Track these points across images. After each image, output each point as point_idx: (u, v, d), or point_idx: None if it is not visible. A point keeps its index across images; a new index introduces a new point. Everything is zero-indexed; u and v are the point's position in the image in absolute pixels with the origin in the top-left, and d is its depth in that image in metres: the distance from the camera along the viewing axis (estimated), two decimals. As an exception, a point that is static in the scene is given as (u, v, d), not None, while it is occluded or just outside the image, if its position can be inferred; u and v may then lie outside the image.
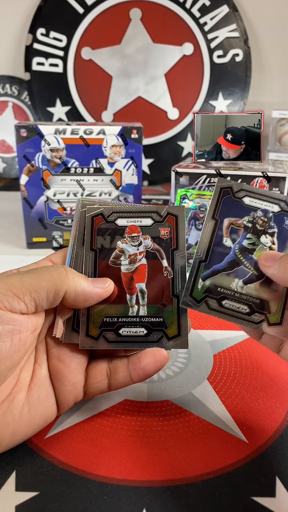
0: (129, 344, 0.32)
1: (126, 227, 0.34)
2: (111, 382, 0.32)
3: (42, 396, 0.30)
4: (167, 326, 0.32)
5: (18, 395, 0.29)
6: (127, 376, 0.32)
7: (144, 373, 0.31)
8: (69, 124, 0.65)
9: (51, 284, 0.29)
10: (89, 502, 0.27)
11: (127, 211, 0.34)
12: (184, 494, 0.28)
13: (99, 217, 0.34)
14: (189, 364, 0.42)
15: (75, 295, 0.30)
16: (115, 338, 0.32)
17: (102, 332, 0.32)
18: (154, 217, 0.34)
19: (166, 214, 0.34)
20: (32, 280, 0.29)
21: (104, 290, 0.31)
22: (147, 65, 1.14)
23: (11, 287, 0.28)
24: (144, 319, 0.32)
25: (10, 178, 1.21)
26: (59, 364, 0.31)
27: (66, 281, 0.29)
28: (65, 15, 1.10)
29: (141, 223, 0.34)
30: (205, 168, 0.63)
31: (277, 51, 1.22)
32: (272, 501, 0.28)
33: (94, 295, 0.30)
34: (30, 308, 0.28)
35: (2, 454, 0.30)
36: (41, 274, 0.29)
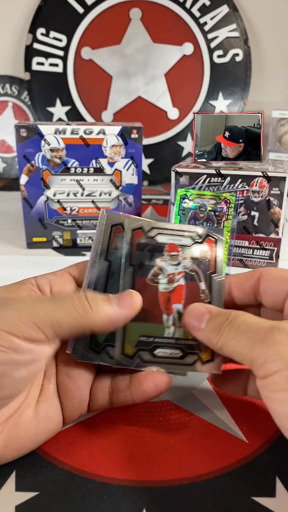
0: (163, 365, 0.31)
1: (166, 245, 0.33)
2: (113, 400, 0.32)
3: (50, 412, 0.30)
4: (201, 350, 0.32)
5: (27, 410, 0.29)
6: (128, 396, 0.31)
7: (144, 396, 0.31)
8: (69, 124, 0.65)
9: (75, 320, 0.27)
10: (89, 502, 0.27)
11: (167, 228, 0.33)
12: (184, 494, 0.28)
13: (139, 231, 0.33)
14: (189, 364, 0.42)
15: (102, 326, 0.29)
16: (150, 359, 0.31)
17: (138, 351, 0.31)
18: (193, 237, 0.33)
19: (205, 236, 0.33)
20: (55, 312, 0.27)
21: (131, 309, 0.30)
22: (147, 65, 1.14)
23: (34, 318, 0.26)
24: (180, 341, 0.32)
25: (10, 178, 1.21)
26: (68, 381, 0.31)
27: (91, 316, 0.28)
28: (65, 15, 1.10)
29: (180, 242, 0.33)
30: (205, 168, 0.63)
31: (277, 51, 1.22)
32: (272, 501, 0.28)
33: (121, 318, 0.29)
34: (50, 339, 0.27)
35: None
36: (65, 305, 0.28)
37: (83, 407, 0.31)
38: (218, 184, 0.62)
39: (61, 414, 0.31)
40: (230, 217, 0.60)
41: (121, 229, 0.33)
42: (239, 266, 0.65)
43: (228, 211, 0.60)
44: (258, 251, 0.63)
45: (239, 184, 0.61)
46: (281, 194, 0.60)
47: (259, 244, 0.63)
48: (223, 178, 0.62)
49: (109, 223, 0.33)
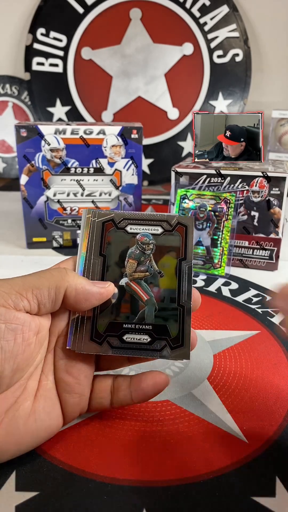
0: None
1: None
2: (113, 400, 0.32)
3: (48, 408, 0.30)
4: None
5: (24, 404, 0.29)
6: (127, 395, 0.32)
7: (143, 395, 0.32)
8: (69, 124, 0.65)
9: (52, 282, 0.29)
10: (89, 502, 0.27)
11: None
12: (184, 494, 0.28)
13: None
14: (189, 364, 0.42)
15: (76, 293, 0.30)
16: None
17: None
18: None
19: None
20: (33, 279, 0.29)
21: (105, 289, 0.31)
22: (147, 65, 1.14)
23: (14, 286, 0.28)
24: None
25: (10, 178, 1.21)
26: (67, 377, 0.31)
27: (66, 278, 0.30)
28: (65, 15, 1.10)
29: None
30: (205, 168, 0.63)
31: (277, 51, 1.22)
32: (272, 501, 0.28)
33: (95, 293, 0.30)
34: (33, 305, 0.28)
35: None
36: (42, 273, 0.30)
37: (83, 403, 0.32)
38: (218, 184, 0.62)
39: (60, 411, 0.31)
40: (230, 217, 0.60)
41: (113, 224, 0.34)
42: (239, 266, 0.65)
43: (228, 211, 0.60)
44: (258, 251, 0.63)
45: (239, 184, 0.61)
46: (281, 194, 0.60)
47: (259, 244, 0.63)
48: (223, 178, 0.62)
49: (100, 220, 0.34)
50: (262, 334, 0.47)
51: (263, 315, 0.50)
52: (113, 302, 0.32)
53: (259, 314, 0.51)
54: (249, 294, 0.56)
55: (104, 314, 0.32)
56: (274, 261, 0.63)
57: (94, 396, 0.32)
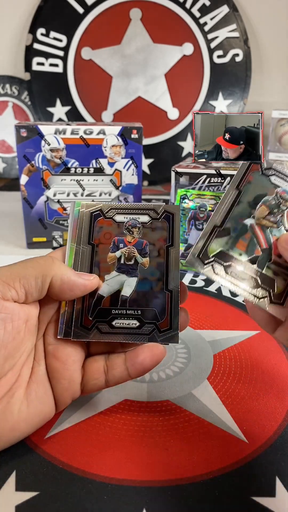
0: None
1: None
2: (108, 379, 0.32)
3: (40, 394, 0.31)
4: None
5: (18, 391, 0.29)
6: (124, 371, 0.32)
7: (142, 367, 0.32)
8: (69, 124, 0.65)
9: (38, 271, 0.30)
10: (89, 502, 0.27)
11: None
12: (184, 494, 0.28)
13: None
14: (189, 364, 0.42)
15: (61, 283, 0.30)
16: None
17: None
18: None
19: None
20: (20, 268, 0.30)
21: (89, 281, 0.32)
22: (147, 65, 1.14)
23: (1, 276, 0.29)
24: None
25: (10, 178, 1.21)
26: (55, 362, 0.31)
27: (53, 267, 0.30)
28: (65, 15, 1.10)
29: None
30: (205, 168, 0.63)
31: (277, 51, 1.22)
32: (272, 501, 0.28)
33: (79, 285, 0.31)
34: (20, 294, 0.29)
35: (2, 454, 0.30)
36: (29, 262, 0.30)
37: (75, 389, 0.32)
38: (218, 184, 0.62)
39: (52, 397, 0.31)
40: (230, 217, 0.60)
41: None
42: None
43: (228, 211, 0.60)
44: (258, 251, 0.63)
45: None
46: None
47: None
48: (223, 178, 0.62)
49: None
50: (262, 334, 0.47)
51: (263, 315, 0.50)
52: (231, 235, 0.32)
53: (259, 314, 0.51)
54: (249, 294, 0.56)
55: (218, 241, 0.32)
56: (274, 261, 0.63)
57: (88, 378, 0.32)
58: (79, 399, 0.36)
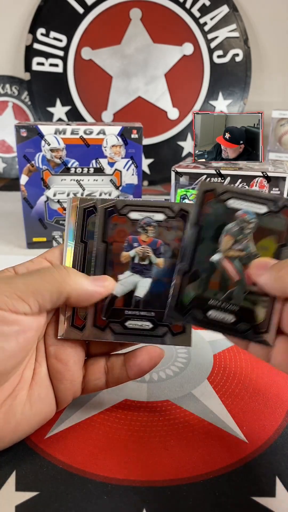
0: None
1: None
2: (108, 379, 0.33)
3: (43, 394, 0.31)
4: None
5: (21, 393, 0.30)
6: (123, 373, 0.32)
7: (139, 369, 0.32)
8: (69, 124, 0.65)
9: (54, 286, 0.29)
10: (89, 502, 0.27)
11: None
12: (184, 494, 0.28)
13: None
14: (189, 364, 0.42)
15: (77, 296, 0.30)
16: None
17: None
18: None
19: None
20: (35, 281, 0.29)
21: (105, 288, 0.31)
22: (147, 65, 1.14)
23: (16, 290, 0.28)
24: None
25: (10, 178, 1.21)
26: (57, 363, 0.31)
27: (68, 282, 0.29)
28: (65, 15, 1.10)
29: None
30: (205, 168, 0.63)
31: (277, 51, 1.22)
32: (272, 501, 0.28)
33: (95, 294, 0.31)
34: (34, 309, 0.28)
35: (2, 454, 0.30)
36: (44, 276, 0.29)
37: (75, 389, 0.32)
38: (218, 184, 0.62)
39: (53, 397, 0.31)
40: (230, 217, 0.60)
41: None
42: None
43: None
44: (258, 251, 0.63)
45: (239, 184, 0.61)
46: (281, 194, 0.60)
47: (259, 244, 0.63)
48: (223, 178, 0.62)
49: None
50: (262, 334, 0.46)
51: (263, 315, 0.50)
52: (201, 277, 0.31)
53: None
54: (249, 294, 0.56)
55: (190, 287, 0.31)
56: (274, 261, 0.63)
57: (89, 379, 0.32)
58: (79, 399, 0.36)
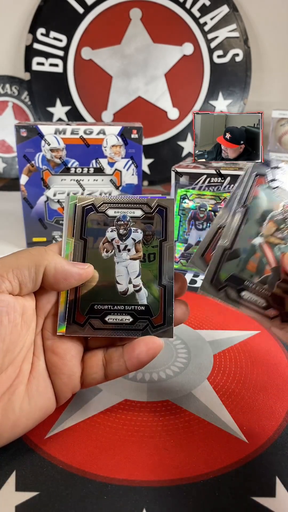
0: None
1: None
2: (107, 372, 0.33)
3: (41, 389, 0.31)
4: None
5: (19, 387, 0.29)
6: (122, 365, 0.32)
7: (138, 361, 0.32)
8: (69, 124, 0.65)
9: (31, 261, 0.29)
10: (89, 502, 0.27)
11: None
12: (184, 494, 0.28)
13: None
14: (189, 364, 0.42)
15: (55, 272, 0.30)
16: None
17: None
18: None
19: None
20: (12, 259, 0.30)
21: (84, 270, 0.31)
22: (147, 65, 1.14)
23: None
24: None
25: (10, 178, 1.21)
26: (54, 357, 0.31)
27: (45, 257, 0.30)
28: (65, 15, 1.10)
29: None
30: (205, 168, 0.63)
31: (277, 51, 1.22)
32: (272, 501, 0.28)
33: (74, 273, 0.31)
34: (15, 286, 0.29)
35: (2, 454, 0.30)
36: (20, 253, 0.30)
37: (74, 383, 0.32)
38: (218, 184, 0.62)
39: (52, 392, 0.31)
40: (230, 217, 0.60)
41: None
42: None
43: (228, 211, 0.60)
44: (258, 251, 0.63)
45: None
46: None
47: (259, 244, 0.63)
48: (223, 178, 0.62)
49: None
50: (262, 334, 0.47)
51: (263, 315, 0.50)
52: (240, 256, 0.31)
53: (259, 314, 0.51)
54: (249, 294, 0.56)
55: (228, 264, 0.31)
56: (274, 261, 0.63)
57: (87, 372, 0.32)
58: (79, 399, 0.36)
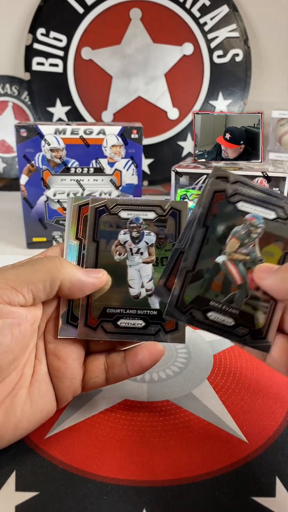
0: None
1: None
2: (108, 376, 0.33)
3: (43, 392, 0.31)
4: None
5: (21, 391, 0.29)
6: (123, 370, 0.32)
7: (140, 367, 0.32)
8: (69, 124, 0.65)
9: (47, 275, 0.29)
10: (89, 502, 0.27)
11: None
12: (184, 494, 0.28)
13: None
14: (189, 364, 0.42)
15: (70, 285, 0.30)
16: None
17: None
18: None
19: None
20: (27, 272, 0.29)
21: (98, 280, 0.31)
22: (147, 65, 1.14)
23: (8, 281, 0.28)
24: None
25: (10, 178, 1.21)
26: (56, 360, 0.31)
27: (61, 270, 0.30)
28: (65, 15, 1.10)
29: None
30: (205, 168, 0.63)
31: (277, 51, 1.22)
32: (272, 501, 0.28)
33: (89, 284, 0.31)
34: (28, 300, 0.29)
35: (2, 454, 0.30)
36: (36, 265, 0.30)
37: (75, 386, 0.32)
38: (218, 184, 0.62)
39: (54, 395, 0.31)
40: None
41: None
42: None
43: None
44: (258, 251, 0.63)
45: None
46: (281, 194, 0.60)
47: (259, 244, 0.63)
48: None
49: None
50: (262, 334, 0.46)
51: (263, 315, 0.50)
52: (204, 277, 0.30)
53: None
54: (249, 294, 0.56)
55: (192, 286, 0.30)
56: (274, 261, 0.63)
57: (89, 376, 0.32)
58: (79, 399, 0.36)
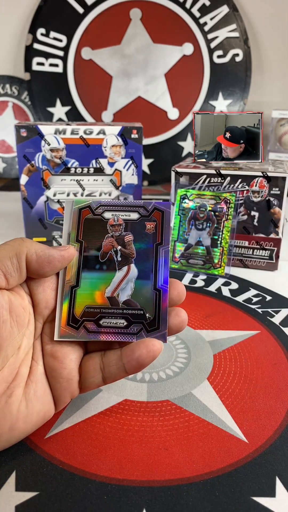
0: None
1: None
2: (105, 376, 0.32)
3: (39, 393, 0.31)
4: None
5: (16, 390, 0.29)
6: (120, 368, 0.32)
7: (138, 364, 0.31)
8: (69, 124, 0.65)
9: (11, 250, 0.30)
10: (89, 502, 0.27)
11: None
12: (184, 494, 0.28)
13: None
14: (189, 364, 0.42)
15: (36, 257, 0.30)
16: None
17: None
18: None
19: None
20: None
21: (65, 251, 0.32)
22: (147, 65, 1.14)
23: None
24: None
25: (10, 178, 1.21)
26: (53, 361, 0.31)
27: (24, 244, 0.30)
28: (65, 15, 1.10)
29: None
30: (205, 168, 0.63)
31: (277, 51, 1.22)
32: (272, 501, 0.28)
33: (56, 255, 0.31)
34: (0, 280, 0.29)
35: (2, 454, 0.30)
36: (2, 245, 0.30)
37: (73, 388, 0.32)
38: (218, 184, 0.62)
39: (51, 396, 0.31)
40: (230, 217, 0.60)
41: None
42: (239, 266, 0.65)
43: (228, 211, 0.60)
44: (258, 251, 0.63)
45: (239, 184, 0.61)
46: (281, 194, 0.60)
47: (259, 244, 0.63)
48: (223, 178, 0.62)
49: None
50: (262, 334, 0.47)
51: (263, 315, 0.50)
52: None
53: (259, 314, 0.51)
54: (249, 294, 0.56)
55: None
56: (274, 261, 0.63)
57: (85, 376, 0.32)
58: (79, 399, 0.36)
